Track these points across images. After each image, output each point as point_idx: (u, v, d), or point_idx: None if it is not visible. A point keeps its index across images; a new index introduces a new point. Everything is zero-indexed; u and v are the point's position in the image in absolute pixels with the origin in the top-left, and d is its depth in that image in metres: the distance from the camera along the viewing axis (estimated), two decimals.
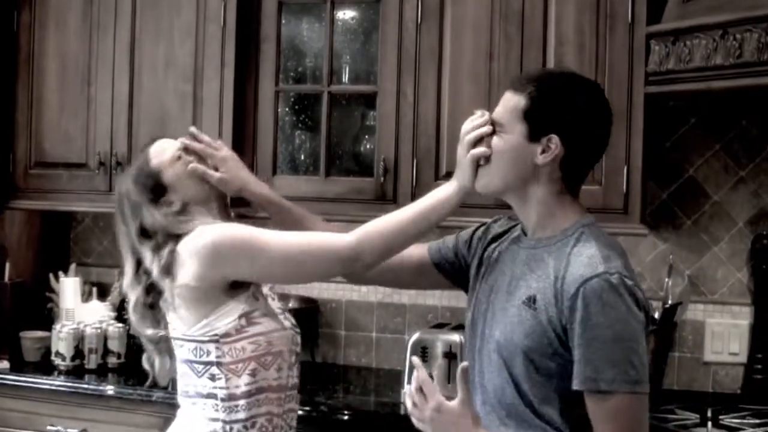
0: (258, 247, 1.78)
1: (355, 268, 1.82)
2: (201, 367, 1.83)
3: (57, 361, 3.02)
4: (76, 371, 3.00)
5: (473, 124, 1.72)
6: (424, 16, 2.80)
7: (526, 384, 1.62)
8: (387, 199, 2.85)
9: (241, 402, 1.82)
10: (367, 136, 3.03)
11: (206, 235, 1.78)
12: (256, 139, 2.99)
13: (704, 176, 2.92)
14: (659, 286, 2.92)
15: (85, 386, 2.90)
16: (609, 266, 1.55)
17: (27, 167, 3.18)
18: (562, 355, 1.59)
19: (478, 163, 1.71)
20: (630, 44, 2.60)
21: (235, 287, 1.82)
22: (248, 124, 3.00)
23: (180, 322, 1.84)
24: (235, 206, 2.91)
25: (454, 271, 1.93)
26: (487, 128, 1.69)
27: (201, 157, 1.97)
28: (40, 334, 3.14)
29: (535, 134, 1.65)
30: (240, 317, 1.81)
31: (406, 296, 3.18)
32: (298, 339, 1.97)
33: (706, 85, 2.41)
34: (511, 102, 1.68)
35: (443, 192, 1.78)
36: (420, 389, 1.65)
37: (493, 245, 1.83)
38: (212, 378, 1.82)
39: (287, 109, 3.11)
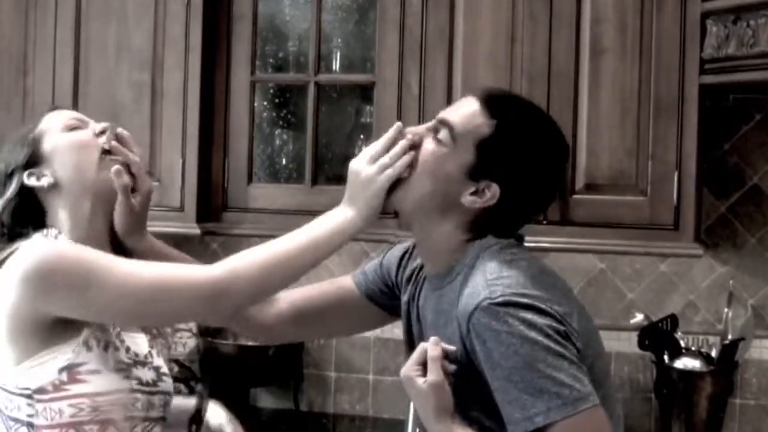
0: (100, 276, 1.62)
1: (222, 307, 1.67)
2: (12, 423, 1.70)
3: None
4: None
5: (400, 145, 1.68)
6: None
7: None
8: (386, 212, 2.79)
9: None
10: (362, 136, 3.03)
11: (30, 255, 1.62)
12: (228, 140, 2.98)
13: None
14: (717, 317, 2.90)
15: None
16: (492, 289, 1.55)
17: None
18: None
19: (397, 183, 1.70)
20: (682, 24, 2.61)
21: (63, 330, 1.66)
22: (218, 121, 2.98)
23: None
24: (203, 221, 2.90)
25: (389, 301, 1.92)
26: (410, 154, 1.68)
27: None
28: None
29: (477, 173, 1.63)
30: (61, 371, 1.66)
31: None
32: (158, 400, 1.79)
33: None
34: (472, 116, 1.65)
35: (335, 221, 1.72)
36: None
37: (414, 286, 1.82)
38: None
39: (266, 103, 3.10)
